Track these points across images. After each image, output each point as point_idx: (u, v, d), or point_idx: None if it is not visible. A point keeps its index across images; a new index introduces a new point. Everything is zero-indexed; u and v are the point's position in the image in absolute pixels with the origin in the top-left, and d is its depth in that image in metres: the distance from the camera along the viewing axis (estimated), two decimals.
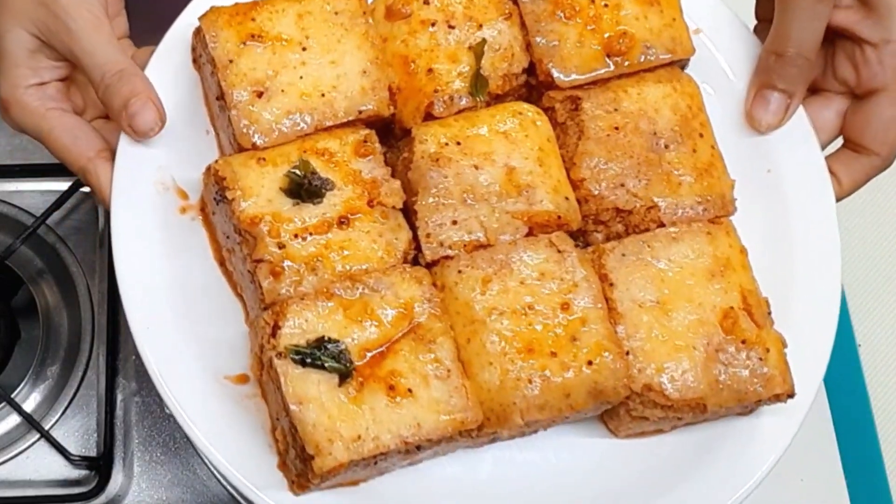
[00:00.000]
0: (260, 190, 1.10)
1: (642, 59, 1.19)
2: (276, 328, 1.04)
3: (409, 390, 1.04)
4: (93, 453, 1.38)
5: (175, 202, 1.17)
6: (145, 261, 1.13)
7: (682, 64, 1.23)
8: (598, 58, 1.19)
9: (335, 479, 1.05)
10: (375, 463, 1.05)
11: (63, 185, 1.45)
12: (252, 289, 1.11)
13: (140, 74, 1.16)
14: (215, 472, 1.29)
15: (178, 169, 1.17)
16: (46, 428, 1.37)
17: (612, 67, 1.19)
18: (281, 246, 1.08)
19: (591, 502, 1.13)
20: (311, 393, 1.02)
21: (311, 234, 1.09)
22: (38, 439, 1.38)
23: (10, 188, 1.48)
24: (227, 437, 1.09)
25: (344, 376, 1.03)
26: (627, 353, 1.11)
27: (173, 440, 1.39)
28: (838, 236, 1.21)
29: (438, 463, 1.13)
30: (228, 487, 1.29)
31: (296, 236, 1.08)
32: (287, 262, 1.07)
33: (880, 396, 1.95)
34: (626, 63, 1.19)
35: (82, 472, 1.37)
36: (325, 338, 1.04)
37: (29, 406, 1.41)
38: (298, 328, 1.04)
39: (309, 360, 1.03)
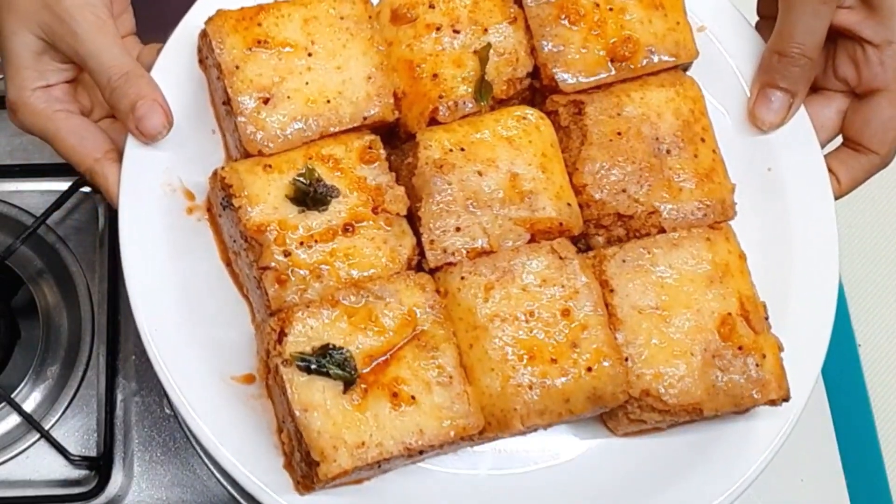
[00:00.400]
0: (266, 197, 1.10)
1: (645, 63, 1.19)
2: (281, 335, 1.04)
3: (413, 397, 1.05)
4: (93, 453, 1.38)
5: (182, 203, 1.16)
6: (153, 262, 1.13)
7: (686, 65, 1.23)
8: (602, 62, 1.18)
9: (339, 481, 1.06)
10: (379, 466, 1.06)
11: (63, 185, 1.45)
12: (258, 293, 1.11)
13: (146, 76, 1.15)
14: (216, 473, 1.29)
15: (184, 170, 1.17)
16: (46, 428, 1.37)
17: (615, 72, 1.19)
18: (287, 254, 1.08)
19: (589, 500, 1.14)
20: (316, 400, 1.03)
21: (316, 241, 1.09)
22: (38, 439, 1.38)
23: (10, 188, 1.48)
24: (234, 437, 1.09)
25: (348, 383, 1.03)
26: (626, 359, 1.11)
27: (173, 440, 1.39)
28: (836, 233, 1.22)
29: (439, 461, 1.14)
30: (229, 487, 1.29)
31: (301, 244, 1.08)
32: (293, 270, 1.08)
33: (880, 396, 1.95)
34: (630, 67, 1.19)
35: (82, 472, 1.37)
36: (330, 345, 1.04)
37: (29, 406, 1.40)
38: (304, 335, 1.04)
39: (314, 368, 1.03)
